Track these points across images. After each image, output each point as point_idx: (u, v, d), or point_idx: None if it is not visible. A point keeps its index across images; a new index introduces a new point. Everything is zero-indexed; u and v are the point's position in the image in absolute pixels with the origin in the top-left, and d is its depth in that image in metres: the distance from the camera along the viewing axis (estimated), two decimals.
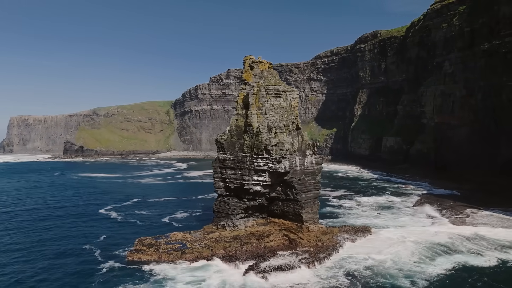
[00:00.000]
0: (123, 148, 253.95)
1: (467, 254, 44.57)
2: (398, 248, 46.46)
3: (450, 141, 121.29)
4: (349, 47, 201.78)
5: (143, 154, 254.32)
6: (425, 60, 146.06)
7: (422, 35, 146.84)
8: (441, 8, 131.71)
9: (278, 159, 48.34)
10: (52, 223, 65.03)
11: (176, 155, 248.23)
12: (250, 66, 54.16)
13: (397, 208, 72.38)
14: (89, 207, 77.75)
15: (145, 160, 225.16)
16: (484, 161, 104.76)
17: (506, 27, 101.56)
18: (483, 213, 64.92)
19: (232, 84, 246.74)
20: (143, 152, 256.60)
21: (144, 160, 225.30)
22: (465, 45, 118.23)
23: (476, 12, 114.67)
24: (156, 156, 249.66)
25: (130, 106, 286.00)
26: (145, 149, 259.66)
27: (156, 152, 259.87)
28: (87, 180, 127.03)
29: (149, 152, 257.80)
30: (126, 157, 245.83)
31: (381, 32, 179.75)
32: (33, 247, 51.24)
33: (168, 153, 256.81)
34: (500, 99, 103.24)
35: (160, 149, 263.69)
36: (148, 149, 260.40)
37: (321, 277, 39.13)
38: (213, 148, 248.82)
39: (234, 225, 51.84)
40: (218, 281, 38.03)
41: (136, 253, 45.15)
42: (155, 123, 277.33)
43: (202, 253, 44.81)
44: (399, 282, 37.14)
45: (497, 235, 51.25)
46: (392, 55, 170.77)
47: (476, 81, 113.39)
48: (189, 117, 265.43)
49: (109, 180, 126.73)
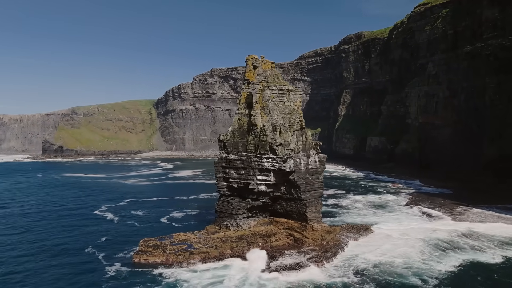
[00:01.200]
0: (104, 148, 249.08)
1: (472, 251, 45.79)
2: (402, 246, 47.53)
3: (434, 140, 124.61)
4: (333, 48, 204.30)
5: (125, 154, 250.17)
6: (408, 61, 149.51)
7: (406, 37, 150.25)
8: (425, 11, 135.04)
9: (283, 159, 48.60)
10: (47, 225, 63.03)
11: (159, 155, 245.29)
12: (253, 66, 54.18)
13: (391, 206, 73.91)
14: (82, 209, 76.06)
15: (128, 160, 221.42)
16: (467, 160, 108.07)
17: (488, 30, 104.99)
18: (474, 211, 67.04)
19: (216, 84, 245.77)
20: (125, 152, 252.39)
21: (127, 160, 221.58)
22: (449, 47, 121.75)
23: (459, 15, 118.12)
24: (139, 156, 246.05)
25: (111, 105, 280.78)
26: (127, 149, 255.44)
27: (138, 152, 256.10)
28: (73, 180, 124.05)
29: (131, 152, 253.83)
30: (108, 157, 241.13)
31: (364, 34, 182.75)
32: (33, 252, 49.15)
33: (151, 153, 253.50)
34: (483, 100, 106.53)
35: (142, 149, 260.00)
36: (130, 149, 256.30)
37: (332, 276, 39.64)
38: (197, 148, 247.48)
39: (238, 225, 51.80)
40: (234, 282, 37.85)
41: (143, 255, 44.51)
42: (137, 122, 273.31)
43: (210, 254, 44.64)
44: (410, 280, 37.96)
45: (493, 232, 53.14)
46: (375, 56, 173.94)
47: (459, 83, 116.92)
48: (172, 117, 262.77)
49: (96, 180, 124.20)
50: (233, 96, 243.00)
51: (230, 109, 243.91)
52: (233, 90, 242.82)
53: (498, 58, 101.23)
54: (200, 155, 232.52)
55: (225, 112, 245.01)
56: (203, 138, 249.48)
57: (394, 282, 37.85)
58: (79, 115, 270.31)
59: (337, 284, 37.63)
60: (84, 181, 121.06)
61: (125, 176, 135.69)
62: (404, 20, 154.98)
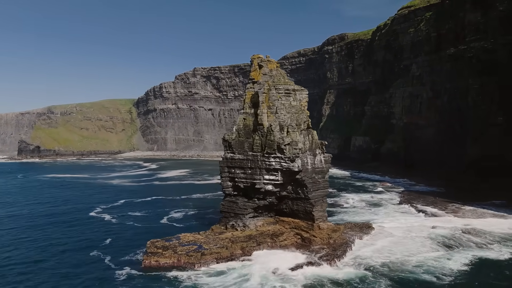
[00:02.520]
0: (84, 148, 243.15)
1: (478, 248, 47.00)
2: (410, 244, 48.56)
3: (418, 140, 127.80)
4: (316, 49, 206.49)
5: (105, 154, 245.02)
6: (392, 62, 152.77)
7: (389, 39, 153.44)
8: (409, 14, 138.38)
9: (291, 158, 48.87)
10: (45, 230, 60.75)
11: (140, 155, 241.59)
12: (259, 65, 54.28)
13: (385, 205, 75.48)
14: (77, 211, 74.09)
15: (109, 160, 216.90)
16: (450, 159, 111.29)
17: (471, 33, 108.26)
18: (467, 208, 69.29)
19: (198, 83, 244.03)
20: (105, 152, 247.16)
21: (108, 160, 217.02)
22: (432, 49, 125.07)
23: (442, 18, 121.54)
24: (119, 156, 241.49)
25: (89, 104, 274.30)
26: (106, 149, 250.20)
27: (118, 152, 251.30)
28: (58, 181, 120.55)
29: (111, 152, 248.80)
30: (87, 157, 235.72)
31: (348, 35, 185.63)
32: (36, 259, 46.68)
33: (132, 153, 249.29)
34: (466, 101, 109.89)
35: (123, 149, 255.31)
36: (110, 149, 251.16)
37: (347, 273, 40.16)
38: (179, 148, 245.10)
39: (244, 225, 51.72)
40: (254, 282, 37.76)
41: (153, 257, 43.76)
42: (117, 122, 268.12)
43: (221, 254, 44.42)
44: (424, 277, 38.78)
45: (490, 228, 55.14)
46: (359, 57, 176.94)
47: (442, 84, 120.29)
48: (153, 116, 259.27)
49: (83, 181, 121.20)
50: (216, 96, 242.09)
51: (213, 108, 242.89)
52: (216, 90, 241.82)
53: (480, 60, 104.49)
54: (183, 155, 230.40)
55: (208, 112, 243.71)
56: (186, 138, 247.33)
57: (408, 278, 38.71)
58: (56, 114, 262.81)
59: (354, 280, 38.31)
60: (70, 182, 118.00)
61: (110, 177, 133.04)
62: (387, 22, 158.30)
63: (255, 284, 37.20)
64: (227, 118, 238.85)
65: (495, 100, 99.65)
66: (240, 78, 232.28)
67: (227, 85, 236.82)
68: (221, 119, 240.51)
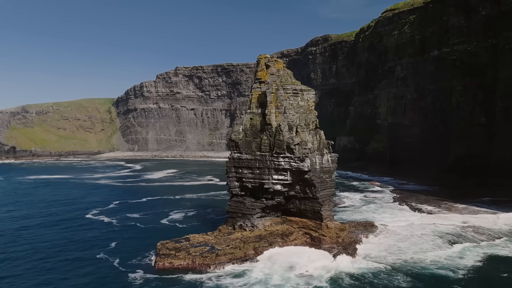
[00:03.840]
0: (61, 148, 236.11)
1: (485, 245, 48.52)
2: (416, 241, 49.85)
3: (403, 140, 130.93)
4: (299, 50, 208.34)
5: (84, 155, 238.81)
6: (375, 64, 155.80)
7: (373, 41, 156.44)
8: (393, 16, 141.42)
9: (301, 158, 49.26)
10: (43, 233, 58.58)
11: (121, 155, 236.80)
12: (266, 65, 54.36)
13: (381, 204, 77.07)
14: (72, 213, 72.05)
15: (89, 161, 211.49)
16: (434, 159, 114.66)
17: (454, 36, 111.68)
18: (459, 206, 71.65)
19: (180, 83, 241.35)
20: (83, 153, 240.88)
21: (89, 161, 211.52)
22: (416, 51, 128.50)
23: (426, 21, 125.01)
24: (99, 156, 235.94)
25: (67, 104, 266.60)
26: (85, 149, 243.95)
27: (98, 152, 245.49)
28: (43, 183, 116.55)
29: (90, 153, 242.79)
30: (65, 158, 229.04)
31: (331, 36, 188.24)
32: (42, 266, 44.77)
33: (112, 154, 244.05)
34: (449, 102, 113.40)
35: (102, 149, 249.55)
36: (89, 149, 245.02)
37: (363, 269, 40.86)
38: (161, 148, 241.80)
39: (253, 225, 51.78)
40: (276, 281, 37.87)
41: (166, 258, 43.20)
42: (96, 121, 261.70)
43: (235, 255, 44.35)
44: (439, 272, 39.96)
45: (489, 225, 57.35)
46: (342, 58, 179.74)
47: (426, 85, 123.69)
48: (134, 116, 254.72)
49: (67, 183, 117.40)
50: (199, 96, 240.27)
51: (195, 108, 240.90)
52: (198, 90, 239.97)
53: (464, 62, 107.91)
54: (165, 156, 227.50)
55: (191, 112, 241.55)
56: (168, 138, 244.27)
57: (423, 273, 39.82)
58: (31, 113, 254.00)
59: (372, 275, 39.40)
60: (57, 184, 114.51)
61: (96, 178, 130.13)
62: (370, 24, 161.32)
63: (279, 283, 37.33)
64: (210, 118, 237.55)
65: (478, 101, 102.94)
66: (223, 78, 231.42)
67: (209, 85, 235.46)
68: (203, 119, 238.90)
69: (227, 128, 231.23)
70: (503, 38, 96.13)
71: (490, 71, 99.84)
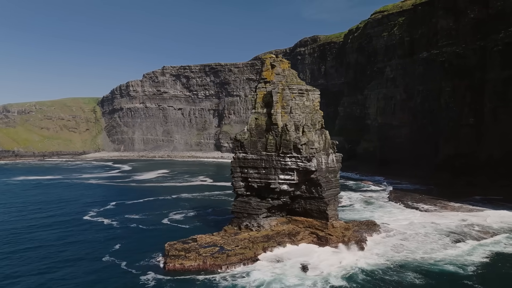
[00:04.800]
0: (45, 148, 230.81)
1: (490, 242, 49.75)
2: (421, 239, 50.80)
3: (393, 140, 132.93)
4: (288, 50, 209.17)
5: (69, 155, 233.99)
6: (364, 65, 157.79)
7: (362, 42, 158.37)
8: (382, 18, 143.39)
9: (308, 158, 49.51)
10: (43, 236, 57.00)
11: (107, 155, 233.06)
12: (271, 65, 54.41)
13: (378, 203, 78.12)
14: (69, 215, 70.60)
15: (75, 162, 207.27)
16: (423, 158, 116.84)
17: (443, 38, 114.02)
18: (454, 205, 73.20)
19: (167, 82, 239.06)
20: (68, 153, 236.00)
21: (75, 162, 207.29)
22: (405, 53, 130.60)
23: (415, 24, 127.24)
24: (84, 157, 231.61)
25: (50, 103, 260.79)
26: (70, 149, 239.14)
27: (83, 153, 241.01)
28: (32, 184, 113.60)
29: (75, 153, 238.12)
30: (49, 158, 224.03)
31: (320, 37, 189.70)
32: (43, 270, 43.52)
33: (97, 154, 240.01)
34: (438, 103, 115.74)
35: (87, 149, 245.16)
36: (73, 149, 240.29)
37: (372, 267, 41.33)
38: (147, 148, 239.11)
39: (259, 225, 51.80)
40: (293, 280, 37.99)
41: (177, 259, 42.81)
42: (80, 121, 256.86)
43: (245, 255, 44.33)
44: (448, 268, 40.86)
45: (487, 222, 58.84)
46: (331, 59, 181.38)
47: (415, 86, 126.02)
48: (120, 116, 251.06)
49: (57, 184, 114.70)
50: (186, 95, 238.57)
51: (183, 108, 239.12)
52: (186, 89, 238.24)
53: (452, 64, 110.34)
54: (152, 156, 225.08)
55: (178, 111, 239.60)
56: (154, 138, 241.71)
57: (432, 270, 40.66)
58: (13, 113, 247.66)
59: (380, 273, 39.97)
60: (47, 185, 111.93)
61: (86, 178, 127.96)
62: (359, 26, 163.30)
63: (296, 283, 37.50)
64: (198, 118, 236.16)
65: (466, 102, 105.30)
66: (211, 77, 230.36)
67: (197, 85, 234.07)
68: (191, 118, 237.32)
69: (215, 128, 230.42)
70: (491, 40, 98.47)
71: (479, 72, 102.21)
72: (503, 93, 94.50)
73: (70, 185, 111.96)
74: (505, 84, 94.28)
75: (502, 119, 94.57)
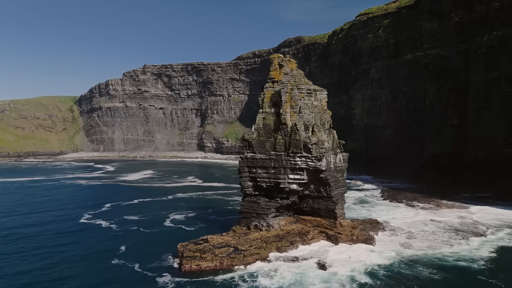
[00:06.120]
0: (20, 149, 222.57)
1: (493, 238, 51.32)
2: (426, 236, 51.99)
3: (378, 140, 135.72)
4: (272, 50, 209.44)
5: (45, 156, 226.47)
6: (348, 66, 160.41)
7: (346, 43, 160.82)
8: (367, 20, 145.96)
9: (318, 157, 49.86)
10: (42, 242, 54.28)
11: (86, 156, 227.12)
12: (279, 65, 54.50)
13: (373, 202, 79.48)
14: (64, 218, 67.80)
15: (54, 162, 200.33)
16: (408, 158, 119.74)
17: (428, 41, 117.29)
18: (448, 203, 75.28)
19: (148, 81, 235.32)
20: (44, 154, 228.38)
21: (53, 162, 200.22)
22: (390, 54, 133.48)
23: (400, 26, 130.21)
24: (61, 157, 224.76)
25: (24, 101, 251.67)
26: (46, 149, 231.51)
27: (60, 153, 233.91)
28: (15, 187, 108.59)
29: (52, 153, 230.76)
30: (25, 159, 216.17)
31: (304, 38, 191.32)
32: (54, 276, 41.55)
33: (75, 154, 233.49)
34: (423, 104, 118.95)
35: (65, 149, 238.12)
36: (50, 149, 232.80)
37: (388, 263, 42.09)
38: (128, 148, 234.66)
39: (268, 225, 51.77)
40: (315, 279, 38.17)
41: (193, 260, 42.18)
42: (57, 120, 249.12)
43: (261, 255, 44.23)
44: (461, 264, 42.06)
45: (483, 219, 60.91)
46: (315, 60, 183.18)
47: (400, 87, 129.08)
48: (99, 115, 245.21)
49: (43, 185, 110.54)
50: (168, 94, 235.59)
51: (164, 107, 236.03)
52: (167, 88, 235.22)
53: (437, 66, 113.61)
54: (133, 156, 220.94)
55: (159, 111, 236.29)
56: (135, 138, 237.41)
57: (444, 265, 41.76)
58: None
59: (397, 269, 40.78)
60: (31, 187, 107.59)
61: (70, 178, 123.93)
62: (343, 27, 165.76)
63: (319, 281, 37.72)
64: (180, 118, 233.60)
65: (450, 103, 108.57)
66: (193, 77, 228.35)
67: (179, 84, 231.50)
68: (173, 118, 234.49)
69: (198, 128, 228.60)
70: (475, 43, 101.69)
71: (462, 74, 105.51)
72: (487, 95, 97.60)
73: (56, 186, 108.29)
74: (488, 86, 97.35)
75: (486, 120, 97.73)
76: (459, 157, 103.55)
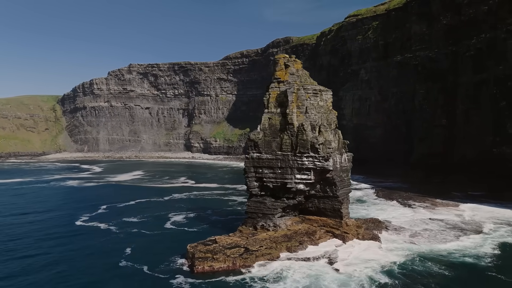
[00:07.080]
0: (1, 149, 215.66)
1: (495, 235, 52.57)
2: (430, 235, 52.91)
3: (368, 140, 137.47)
4: (260, 50, 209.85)
5: (27, 156, 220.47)
6: (337, 67, 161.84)
7: (335, 44, 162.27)
8: (356, 22, 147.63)
9: (326, 157, 50.16)
10: (41, 246, 52.64)
11: (69, 156, 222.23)
12: (285, 65, 54.58)
13: (369, 201, 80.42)
14: (59, 221, 65.81)
15: (38, 163, 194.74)
16: (397, 158, 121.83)
17: (416, 42, 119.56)
18: (442, 201, 76.86)
19: (134, 80, 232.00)
20: (26, 154, 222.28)
21: (37, 163, 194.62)
22: (380, 56, 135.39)
23: (389, 28, 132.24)
24: (44, 158, 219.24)
25: (5, 100, 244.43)
26: (28, 150, 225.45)
27: (42, 153, 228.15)
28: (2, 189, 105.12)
29: (34, 154, 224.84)
30: (6, 159, 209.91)
31: (293, 39, 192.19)
32: (62, 282, 40.35)
33: (58, 155, 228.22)
34: (413, 104, 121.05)
35: (47, 150, 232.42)
36: (32, 150, 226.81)
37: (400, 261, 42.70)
38: (113, 149, 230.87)
39: (275, 225, 51.78)
40: (331, 277, 38.35)
41: (205, 261, 41.79)
42: (39, 120, 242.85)
43: (272, 255, 44.19)
44: (467, 261, 43.04)
45: (478, 217, 62.39)
46: (304, 60, 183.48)
47: (390, 88, 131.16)
48: (83, 115, 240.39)
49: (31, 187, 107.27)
50: (154, 94, 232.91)
51: (150, 107, 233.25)
52: (154, 88, 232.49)
53: (425, 68, 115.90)
54: (119, 156, 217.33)
55: (145, 111, 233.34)
56: (121, 138, 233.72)
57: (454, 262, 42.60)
58: None
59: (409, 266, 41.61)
60: (19, 189, 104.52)
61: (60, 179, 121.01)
62: (332, 28, 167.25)
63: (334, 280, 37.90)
64: (167, 118, 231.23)
65: (439, 104, 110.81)
66: (180, 76, 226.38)
67: (166, 83, 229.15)
68: (159, 118, 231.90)
69: (185, 128, 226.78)
70: (463, 46, 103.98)
71: (451, 76, 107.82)
72: (475, 96, 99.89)
73: (46, 188, 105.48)
74: (477, 88, 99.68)
75: (474, 121, 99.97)
76: (448, 157, 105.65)
